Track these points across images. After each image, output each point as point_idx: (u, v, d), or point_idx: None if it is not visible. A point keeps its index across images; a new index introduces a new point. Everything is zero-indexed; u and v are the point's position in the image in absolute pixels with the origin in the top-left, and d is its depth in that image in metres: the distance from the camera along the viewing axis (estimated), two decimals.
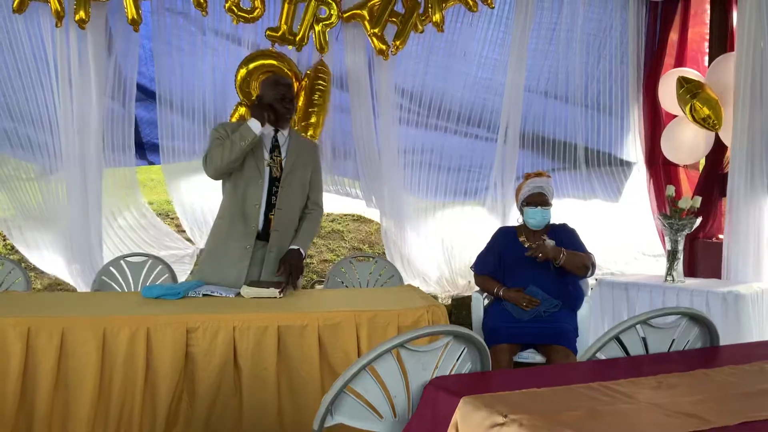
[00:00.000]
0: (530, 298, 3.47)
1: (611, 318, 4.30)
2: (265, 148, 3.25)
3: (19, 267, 3.65)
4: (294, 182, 3.29)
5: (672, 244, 4.25)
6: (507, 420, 1.47)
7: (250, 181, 3.21)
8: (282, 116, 3.23)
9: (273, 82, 3.31)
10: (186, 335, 2.47)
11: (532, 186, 3.64)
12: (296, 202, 3.33)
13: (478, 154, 5.29)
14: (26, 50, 4.28)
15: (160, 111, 4.68)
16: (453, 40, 5.06)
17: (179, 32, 4.66)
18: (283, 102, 3.23)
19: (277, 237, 3.25)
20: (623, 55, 5.25)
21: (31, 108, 4.34)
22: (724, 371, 1.91)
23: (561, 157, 5.36)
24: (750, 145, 4.34)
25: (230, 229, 3.23)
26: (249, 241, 3.21)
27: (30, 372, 2.36)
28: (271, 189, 3.23)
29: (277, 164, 3.25)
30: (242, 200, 3.21)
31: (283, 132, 3.32)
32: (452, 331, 1.84)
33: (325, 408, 1.71)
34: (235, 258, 3.20)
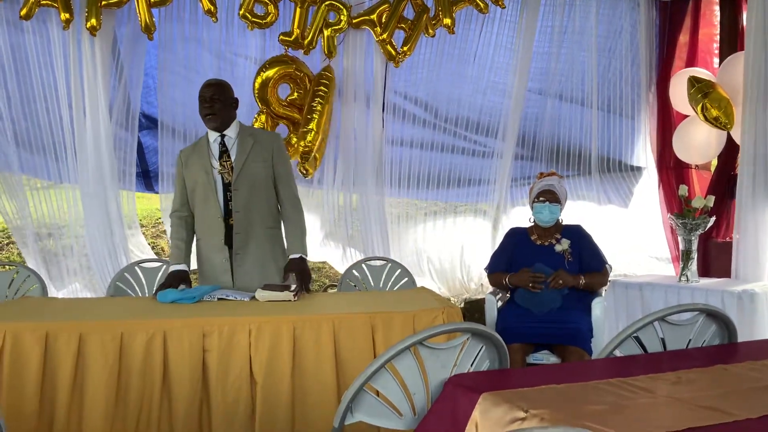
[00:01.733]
0: (534, 276, 3.47)
1: (626, 318, 4.28)
2: (213, 157, 3.23)
3: (34, 274, 3.67)
4: (249, 180, 3.22)
5: (685, 244, 4.23)
6: (528, 415, 1.47)
7: (207, 197, 3.22)
8: (204, 117, 3.19)
9: (204, 84, 3.25)
10: (202, 338, 2.48)
11: (542, 184, 3.67)
12: (257, 200, 3.25)
13: (487, 162, 5.28)
14: (35, 64, 4.33)
15: (162, 138, 4.71)
16: (461, 45, 5.06)
17: (186, 61, 4.69)
18: (206, 104, 3.17)
19: (240, 239, 3.22)
20: (634, 56, 5.25)
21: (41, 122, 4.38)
22: (744, 366, 1.90)
23: (574, 162, 5.34)
24: (759, 145, 4.32)
25: (205, 247, 3.29)
26: (224, 253, 3.23)
27: (48, 376, 2.37)
28: (226, 195, 3.22)
29: (227, 169, 3.22)
30: (206, 216, 3.24)
31: (229, 134, 3.25)
32: (470, 329, 1.84)
33: (346, 405, 1.71)
34: (218, 273, 3.24)
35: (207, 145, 3.26)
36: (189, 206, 3.31)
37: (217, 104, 3.18)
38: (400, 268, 4.09)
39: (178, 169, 3.33)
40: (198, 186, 3.23)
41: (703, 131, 4.71)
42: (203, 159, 3.23)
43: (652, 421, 1.43)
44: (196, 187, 3.25)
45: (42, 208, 4.51)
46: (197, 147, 3.30)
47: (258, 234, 3.26)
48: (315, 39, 4.61)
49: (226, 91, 3.24)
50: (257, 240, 3.26)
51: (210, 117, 3.19)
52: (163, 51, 4.65)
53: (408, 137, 5.13)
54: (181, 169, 3.30)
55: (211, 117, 3.19)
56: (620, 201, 5.35)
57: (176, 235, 3.31)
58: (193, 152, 3.29)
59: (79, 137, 4.38)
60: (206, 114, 3.19)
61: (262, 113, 4.54)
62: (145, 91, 4.66)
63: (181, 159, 3.32)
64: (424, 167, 5.22)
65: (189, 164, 3.27)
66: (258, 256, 3.25)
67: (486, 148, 5.27)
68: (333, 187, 4.96)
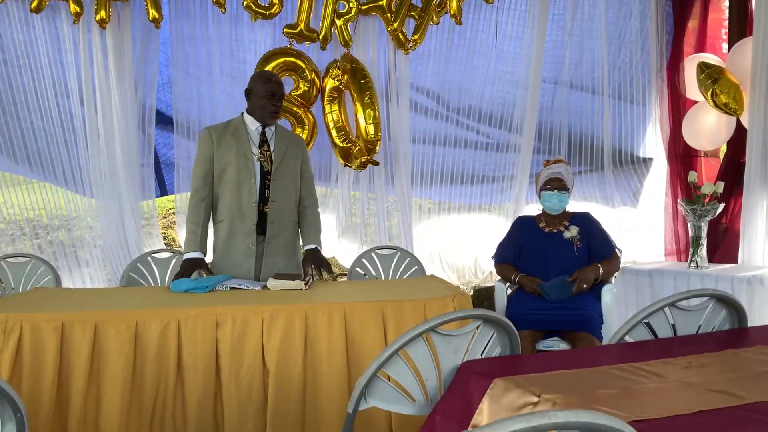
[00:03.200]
0: (535, 288, 3.51)
1: (636, 305, 4.29)
2: (254, 144, 3.30)
3: (47, 265, 3.71)
4: (286, 173, 3.34)
5: (695, 230, 4.23)
6: (540, 399, 1.49)
7: (243, 181, 3.25)
8: (269, 114, 3.28)
9: (264, 79, 3.33)
10: (215, 327, 2.51)
11: (549, 171, 3.67)
12: (290, 193, 3.38)
13: (502, 156, 5.26)
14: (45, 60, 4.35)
15: (177, 138, 4.70)
16: (471, 35, 5.04)
17: (197, 60, 4.68)
18: (272, 99, 3.27)
19: (274, 228, 3.31)
20: (644, 42, 5.21)
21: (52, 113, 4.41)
22: (754, 351, 1.91)
23: (587, 155, 5.29)
24: (765, 130, 4.31)
25: (231, 230, 3.29)
26: (250, 239, 3.27)
27: (65, 365, 2.40)
28: (263, 183, 3.28)
29: (267, 158, 3.29)
30: (238, 200, 3.26)
31: (270, 127, 3.35)
32: (482, 315, 1.86)
33: (360, 391, 1.74)
34: (240, 258, 3.27)
35: (245, 131, 3.30)
36: (211, 186, 3.30)
37: (281, 101, 3.33)
38: (410, 257, 4.11)
39: (205, 146, 3.28)
40: (231, 168, 3.25)
41: (713, 117, 4.69)
42: (241, 143, 3.26)
43: (662, 405, 1.45)
44: (227, 169, 3.26)
45: (54, 199, 4.54)
46: (232, 129, 3.31)
47: (288, 225, 3.37)
48: (329, 32, 4.60)
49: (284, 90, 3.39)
50: (287, 231, 3.37)
51: (275, 114, 3.31)
52: (173, 48, 4.65)
53: (420, 132, 5.10)
54: (210, 147, 3.27)
55: (277, 114, 3.32)
56: (631, 199, 5.31)
57: (194, 219, 3.28)
58: (225, 133, 3.29)
59: (90, 132, 4.40)
60: (273, 110, 3.28)
61: None
62: (156, 87, 4.65)
63: (211, 136, 3.29)
64: (438, 163, 5.18)
65: (221, 144, 3.27)
66: (287, 246, 3.37)
67: (498, 140, 5.23)
68: (348, 184, 4.95)
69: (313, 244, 3.40)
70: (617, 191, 5.26)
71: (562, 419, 0.95)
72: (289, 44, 4.58)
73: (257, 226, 3.27)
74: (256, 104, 3.29)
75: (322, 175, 4.96)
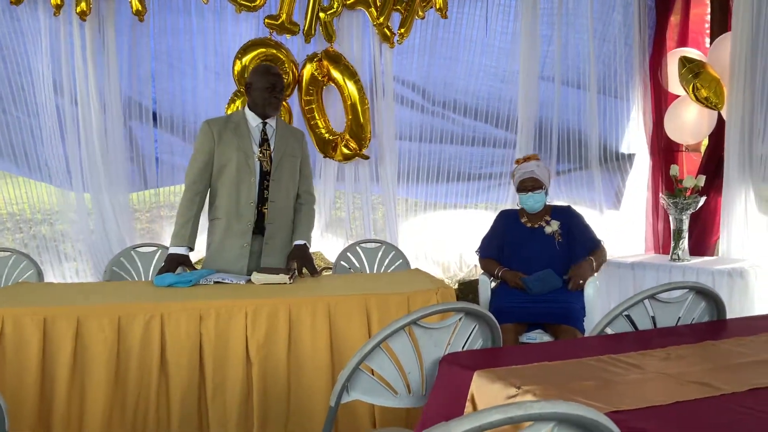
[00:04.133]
0: (518, 282, 3.54)
1: (618, 297, 4.34)
2: (254, 142, 3.26)
3: (30, 259, 3.69)
4: (284, 173, 3.31)
5: (677, 223, 4.28)
6: (520, 391, 1.51)
7: (242, 179, 3.22)
8: (270, 105, 3.24)
9: (263, 71, 3.29)
10: (199, 321, 2.51)
11: (522, 172, 3.69)
12: (289, 193, 3.35)
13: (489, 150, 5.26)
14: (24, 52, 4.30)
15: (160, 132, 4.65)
16: (455, 30, 5.04)
17: (180, 54, 4.63)
18: (273, 92, 3.23)
19: (273, 229, 3.29)
20: (626, 36, 5.23)
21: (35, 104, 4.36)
22: (732, 342, 1.94)
23: (575, 152, 5.29)
24: (746, 124, 4.36)
25: (227, 228, 3.25)
26: (246, 239, 3.24)
27: (48, 360, 2.39)
28: (262, 183, 3.24)
29: (266, 157, 3.26)
30: (236, 199, 3.23)
31: (270, 123, 3.32)
32: (464, 308, 1.87)
33: (342, 384, 1.75)
34: (233, 257, 3.24)
35: (247, 128, 3.26)
36: (208, 181, 3.26)
37: (282, 93, 3.28)
38: (394, 251, 4.12)
39: (204, 139, 3.23)
40: (231, 165, 3.21)
41: (694, 111, 4.74)
42: (243, 140, 3.22)
43: (640, 396, 1.47)
44: (228, 165, 3.21)
45: (37, 194, 4.50)
46: (233, 125, 3.26)
47: (286, 226, 3.35)
48: (313, 26, 4.59)
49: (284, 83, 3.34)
50: (285, 231, 3.35)
51: (277, 106, 3.27)
52: (156, 41, 4.61)
53: (405, 125, 5.08)
54: (210, 142, 3.22)
55: (278, 106, 3.28)
56: (616, 196, 5.33)
57: (184, 213, 3.22)
58: (226, 128, 3.24)
59: (73, 125, 4.36)
60: (274, 103, 3.24)
61: (239, 96, 4.49)
62: (138, 81, 4.62)
63: (212, 130, 3.23)
64: (423, 158, 5.15)
65: (222, 140, 3.22)
66: (284, 245, 3.34)
67: (485, 135, 5.23)
68: (333, 178, 4.94)
69: (302, 240, 3.36)
70: (603, 189, 5.27)
71: (537, 410, 0.96)
72: (269, 35, 4.55)
73: (255, 226, 3.25)
74: (257, 97, 3.24)
75: None
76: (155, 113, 4.66)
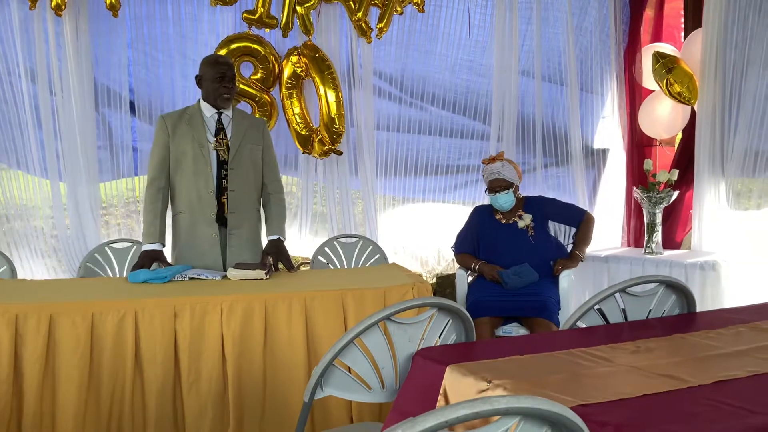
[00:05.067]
0: (495, 276, 3.59)
1: (592, 291, 4.39)
2: (210, 132, 3.25)
3: (2, 256, 3.64)
4: (244, 162, 3.29)
5: (650, 217, 4.33)
6: (491, 385, 1.52)
7: (199, 170, 3.21)
8: (221, 96, 3.22)
9: (212, 62, 3.27)
10: (174, 318, 2.50)
11: (489, 173, 3.72)
12: (249, 181, 3.32)
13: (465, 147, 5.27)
14: None
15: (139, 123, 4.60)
16: (432, 23, 5.04)
17: (155, 42, 4.58)
18: (223, 81, 3.21)
19: (235, 219, 3.26)
20: (601, 31, 5.26)
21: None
22: (701, 335, 1.97)
23: (552, 146, 5.31)
24: (717, 119, 4.42)
25: (192, 220, 3.24)
26: (213, 228, 3.23)
27: (20, 358, 2.37)
28: (220, 173, 3.23)
29: (223, 146, 3.24)
30: (196, 190, 3.22)
31: (226, 113, 3.30)
32: (436, 303, 1.89)
33: (315, 380, 1.75)
34: (205, 248, 3.23)
35: (201, 118, 3.24)
36: (167, 175, 3.26)
37: (232, 83, 3.25)
38: (372, 245, 4.13)
39: (159, 134, 3.24)
40: (187, 158, 3.20)
41: (668, 106, 4.79)
42: (197, 131, 3.21)
43: (609, 389, 1.49)
44: (183, 158, 3.21)
45: (9, 189, 4.44)
46: (187, 117, 3.25)
47: (250, 215, 3.33)
48: (291, 20, 4.57)
49: (234, 72, 3.30)
50: (250, 220, 3.33)
51: (227, 96, 3.24)
52: (131, 29, 4.56)
53: (384, 117, 5.07)
54: (165, 135, 3.23)
55: (229, 97, 3.25)
56: (592, 191, 5.36)
57: (151, 209, 3.23)
58: (180, 121, 3.24)
59: (45, 114, 4.31)
60: (224, 93, 3.22)
61: None
62: (114, 69, 4.57)
63: (165, 124, 3.24)
64: (402, 150, 5.14)
65: (177, 132, 3.22)
66: (251, 236, 3.33)
67: (462, 127, 5.24)
68: (310, 172, 4.93)
69: (275, 235, 3.36)
70: (578, 184, 5.30)
71: (503, 405, 0.97)
72: (248, 29, 4.53)
73: (217, 217, 3.24)
74: (209, 89, 3.24)
75: (287, 163, 4.93)
76: (132, 102, 4.62)
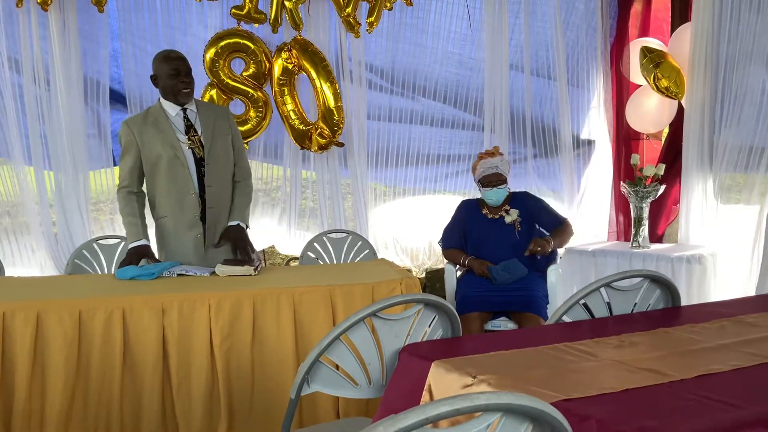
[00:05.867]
0: (484, 271, 3.59)
1: (580, 285, 4.41)
2: (179, 131, 3.18)
3: None
4: (219, 155, 3.24)
5: (637, 211, 4.36)
6: (476, 381, 1.54)
7: (177, 173, 3.15)
8: (180, 92, 3.15)
9: (163, 58, 3.18)
10: (162, 314, 2.50)
11: (486, 166, 3.72)
12: (226, 174, 3.28)
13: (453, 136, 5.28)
14: None
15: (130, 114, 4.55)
16: (422, 16, 5.05)
17: (144, 33, 4.56)
18: (179, 77, 3.13)
19: (213, 214, 3.22)
20: (588, 26, 5.27)
21: None
22: (684, 329, 1.99)
23: (539, 139, 5.32)
24: (707, 114, 4.45)
25: (175, 224, 3.20)
26: (197, 230, 3.19)
27: (7, 356, 2.36)
28: (199, 170, 3.18)
29: (196, 143, 3.18)
30: (176, 194, 3.17)
31: (190, 108, 3.23)
32: (422, 300, 1.89)
33: (302, 377, 1.76)
34: (190, 250, 3.19)
35: (166, 119, 3.17)
36: (140, 181, 3.21)
37: (190, 76, 3.18)
38: (361, 240, 4.14)
39: (127, 141, 3.17)
40: (162, 161, 3.14)
41: (655, 100, 4.81)
42: (165, 133, 3.14)
43: (592, 384, 1.50)
44: (159, 162, 3.14)
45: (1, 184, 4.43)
46: (151, 119, 3.17)
47: (226, 207, 3.29)
48: (279, 15, 4.56)
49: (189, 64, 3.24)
50: (226, 212, 3.28)
51: (187, 91, 3.17)
52: (120, 20, 4.54)
53: (375, 108, 5.08)
54: (133, 142, 3.15)
55: (189, 91, 3.18)
56: (577, 183, 5.38)
57: (129, 211, 3.18)
58: (145, 124, 3.16)
59: (30, 105, 4.29)
60: (184, 88, 3.15)
61: (213, 87, 4.47)
62: (100, 61, 4.55)
63: (131, 130, 3.16)
64: (393, 142, 5.15)
65: (144, 138, 3.15)
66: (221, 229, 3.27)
67: (452, 118, 5.25)
68: (300, 165, 4.92)
69: (235, 221, 3.27)
70: (569, 178, 5.32)
71: (484, 401, 0.98)
72: (237, 25, 4.53)
73: (201, 216, 3.19)
74: (166, 86, 3.15)
75: (277, 156, 4.92)
76: (124, 95, 4.60)
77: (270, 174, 5.14)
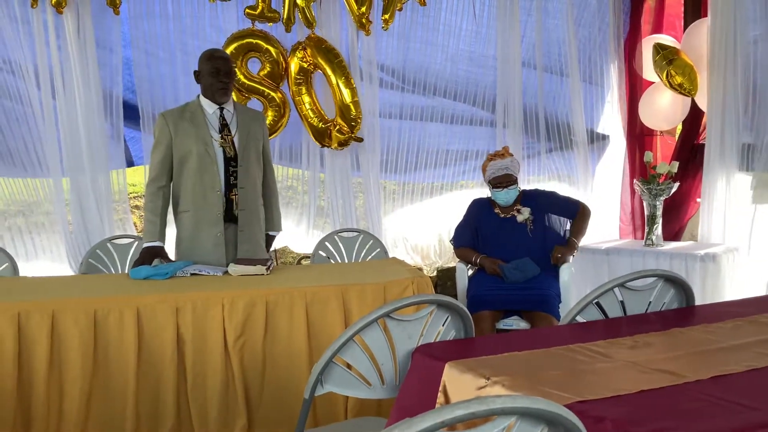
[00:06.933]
0: (496, 269, 3.60)
1: (593, 283, 4.38)
2: (214, 129, 3.21)
3: (4, 253, 3.65)
4: (251, 158, 3.27)
5: (650, 209, 4.34)
6: (489, 382, 1.53)
7: (205, 169, 3.17)
8: (218, 91, 3.18)
9: (207, 56, 3.23)
10: (176, 314, 2.51)
11: (496, 168, 3.72)
12: (257, 177, 3.33)
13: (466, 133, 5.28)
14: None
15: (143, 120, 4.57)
16: (433, 14, 5.04)
17: (156, 39, 4.56)
18: (218, 76, 3.17)
19: (246, 215, 3.25)
20: (601, 22, 5.25)
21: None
22: (699, 329, 1.98)
23: (554, 135, 5.31)
24: (727, 112, 4.41)
25: (197, 219, 3.21)
26: (219, 227, 3.20)
27: (24, 356, 2.38)
28: (227, 169, 3.20)
29: (228, 143, 3.21)
30: (201, 189, 3.19)
31: (228, 108, 3.27)
32: (435, 300, 1.90)
33: (316, 377, 1.77)
34: (209, 247, 3.20)
35: (203, 115, 3.21)
36: (169, 175, 3.23)
37: (229, 77, 3.22)
38: (373, 239, 4.14)
39: (162, 133, 3.19)
40: (192, 156, 3.16)
41: (668, 97, 4.78)
42: (200, 129, 3.18)
43: (606, 385, 1.50)
44: (188, 157, 3.17)
45: (7, 184, 4.45)
46: (188, 114, 3.21)
47: (257, 210, 3.33)
48: (292, 13, 4.57)
49: (232, 64, 3.29)
50: (257, 215, 3.33)
51: (224, 91, 3.20)
52: (132, 27, 4.54)
53: (386, 107, 5.07)
54: (167, 134, 3.18)
55: (226, 91, 3.22)
56: (590, 179, 5.36)
57: (151, 208, 3.21)
58: (181, 119, 3.20)
59: (48, 118, 4.30)
60: (221, 87, 3.18)
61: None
62: (113, 70, 4.55)
63: (167, 123, 3.19)
64: (403, 142, 5.15)
65: (179, 131, 3.18)
66: (257, 231, 3.33)
67: (463, 115, 5.24)
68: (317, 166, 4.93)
69: (277, 231, 3.45)
70: (582, 174, 5.30)
71: (500, 405, 0.99)
72: (251, 25, 4.54)
73: (225, 215, 3.21)
74: (206, 84, 3.20)
75: (293, 157, 4.93)
76: (136, 105, 4.60)
77: (285, 174, 5.15)
